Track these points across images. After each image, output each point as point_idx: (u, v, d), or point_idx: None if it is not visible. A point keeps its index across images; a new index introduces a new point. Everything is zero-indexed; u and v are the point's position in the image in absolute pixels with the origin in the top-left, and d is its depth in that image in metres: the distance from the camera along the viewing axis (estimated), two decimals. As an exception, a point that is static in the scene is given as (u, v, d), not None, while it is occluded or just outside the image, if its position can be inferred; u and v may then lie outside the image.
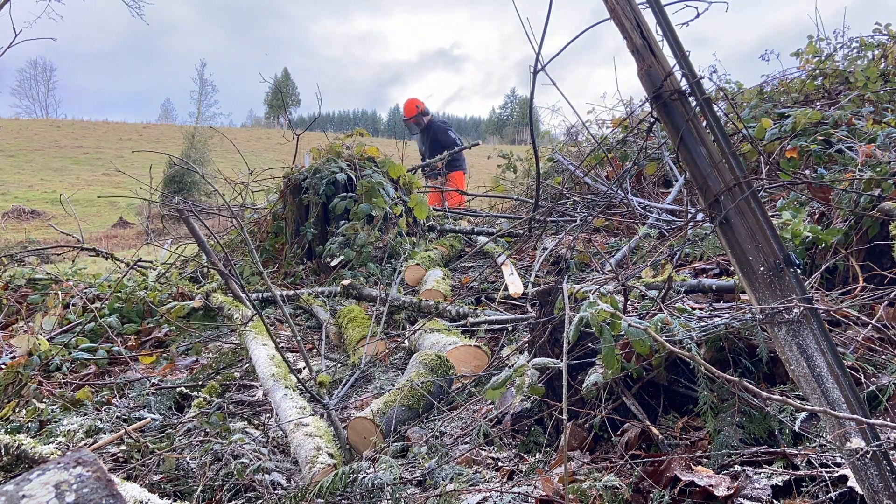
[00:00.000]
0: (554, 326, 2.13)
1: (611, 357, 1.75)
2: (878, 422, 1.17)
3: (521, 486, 1.75)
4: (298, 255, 5.62)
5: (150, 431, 2.78)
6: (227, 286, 4.39)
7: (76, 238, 5.53)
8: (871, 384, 1.73)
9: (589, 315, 1.69)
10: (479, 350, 3.06)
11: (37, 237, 14.83)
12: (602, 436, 1.93)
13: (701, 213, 3.94)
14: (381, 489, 1.84)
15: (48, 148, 39.76)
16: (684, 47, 1.31)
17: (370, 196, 5.37)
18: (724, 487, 1.48)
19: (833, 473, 1.45)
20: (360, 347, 3.57)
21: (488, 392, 1.97)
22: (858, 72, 4.83)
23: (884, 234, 2.47)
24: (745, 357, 1.92)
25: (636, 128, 5.86)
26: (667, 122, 1.33)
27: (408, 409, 2.57)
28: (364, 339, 3.63)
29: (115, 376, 3.63)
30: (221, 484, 2.19)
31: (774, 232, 1.27)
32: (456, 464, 2.07)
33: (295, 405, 2.58)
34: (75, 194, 23.13)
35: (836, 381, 1.20)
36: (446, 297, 4.21)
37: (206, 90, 66.30)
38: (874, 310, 2.08)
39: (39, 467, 0.93)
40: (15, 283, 5.14)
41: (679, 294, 2.56)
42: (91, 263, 7.39)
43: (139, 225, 19.11)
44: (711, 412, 1.77)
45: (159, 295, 4.74)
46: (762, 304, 1.27)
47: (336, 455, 2.22)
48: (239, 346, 3.84)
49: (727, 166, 1.28)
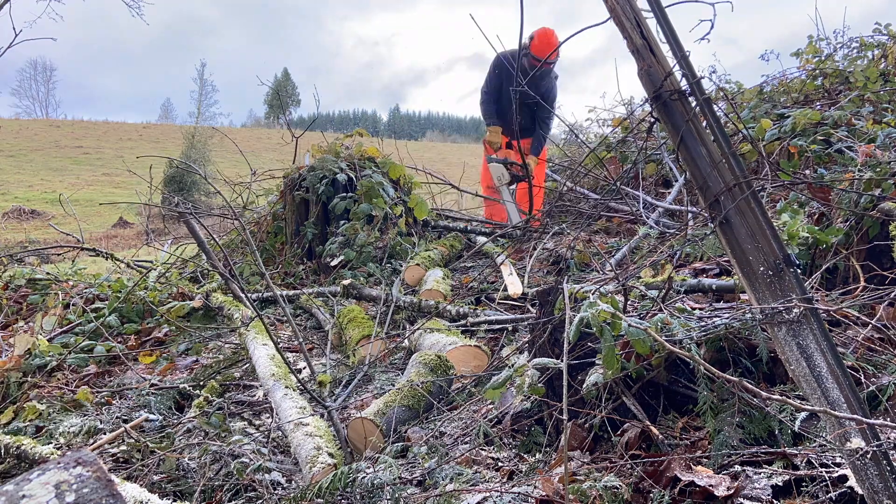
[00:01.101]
0: (554, 326, 2.13)
1: (611, 358, 1.76)
2: (878, 422, 1.17)
3: (521, 486, 1.75)
4: (298, 255, 5.62)
5: (151, 432, 2.78)
6: (227, 286, 4.39)
7: (76, 238, 5.53)
8: (871, 384, 1.73)
9: (589, 315, 1.69)
10: (479, 350, 3.06)
11: (37, 237, 14.84)
12: (602, 436, 1.93)
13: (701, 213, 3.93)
14: (381, 489, 1.84)
15: (48, 148, 39.75)
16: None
17: (370, 196, 5.37)
18: (724, 487, 1.48)
19: (833, 473, 1.45)
20: (361, 347, 3.57)
21: (488, 392, 1.97)
22: (858, 72, 4.83)
23: (884, 234, 2.47)
24: (745, 357, 1.92)
25: (635, 128, 5.86)
26: (667, 122, 1.33)
27: (408, 409, 2.57)
28: (364, 339, 3.63)
29: (116, 376, 3.63)
30: (221, 484, 2.19)
31: (774, 232, 1.27)
32: (456, 464, 2.07)
33: (295, 405, 2.58)
34: (75, 194, 23.13)
35: (836, 381, 1.20)
36: (446, 297, 4.21)
37: (206, 90, 66.25)
38: (874, 310, 2.08)
39: (39, 467, 0.93)
40: (15, 283, 5.14)
41: (679, 294, 2.56)
42: (91, 263, 7.39)
43: (139, 225, 19.11)
44: (711, 412, 1.77)
45: (159, 295, 4.74)
46: (762, 304, 1.27)
47: (336, 455, 2.22)
48: (239, 346, 3.84)
49: (727, 166, 1.28)
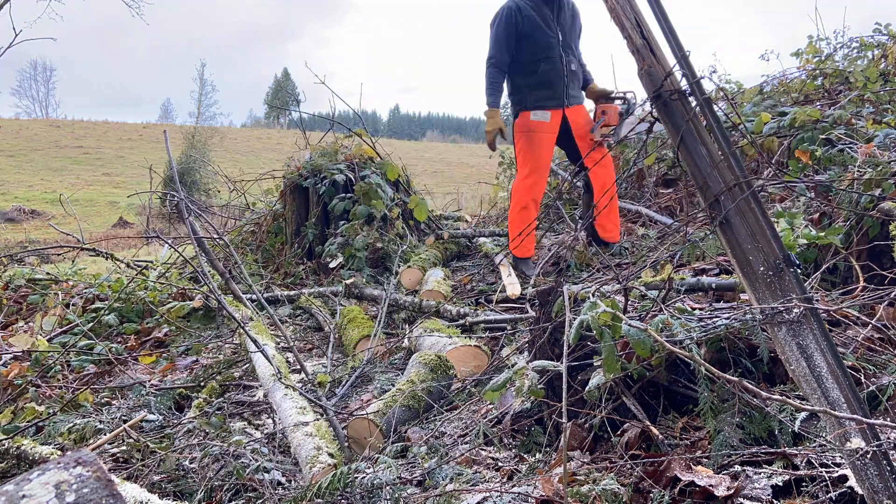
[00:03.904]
0: (554, 327, 2.13)
1: (612, 361, 1.76)
2: (878, 422, 1.17)
3: (521, 486, 1.75)
4: (298, 255, 5.63)
5: (151, 432, 2.78)
6: (227, 286, 4.39)
7: (76, 238, 5.53)
8: (871, 384, 1.73)
9: (589, 318, 1.69)
10: (479, 350, 3.06)
11: (37, 237, 14.84)
12: (602, 436, 1.93)
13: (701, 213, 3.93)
14: (381, 489, 1.84)
15: (48, 148, 39.77)
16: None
17: (369, 198, 5.38)
18: (724, 487, 1.48)
19: (833, 473, 1.45)
20: (361, 351, 3.57)
21: (488, 393, 1.97)
22: (858, 72, 4.83)
23: (884, 234, 2.47)
24: (746, 357, 1.92)
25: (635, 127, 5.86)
26: (667, 122, 1.33)
27: (408, 409, 2.57)
28: (364, 339, 3.63)
29: (116, 376, 3.63)
30: (221, 484, 2.19)
31: (774, 232, 1.27)
32: (456, 464, 2.07)
33: (295, 405, 2.58)
34: (75, 194, 23.14)
35: (836, 381, 1.20)
36: (446, 297, 4.22)
37: (206, 90, 66.21)
38: (874, 310, 2.08)
39: (39, 467, 0.93)
40: (15, 283, 5.14)
41: (679, 294, 2.56)
42: (91, 263, 7.39)
43: (139, 225, 19.12)
44: (711, 412, 1.77)
45: (159, 295, 4.74)
46: (762, 304, 1.27)
47: (336, 455, 2.22)
48: (239, 346, 3.84)
49: (727, 166, 1.28)
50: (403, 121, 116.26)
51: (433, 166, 36.75)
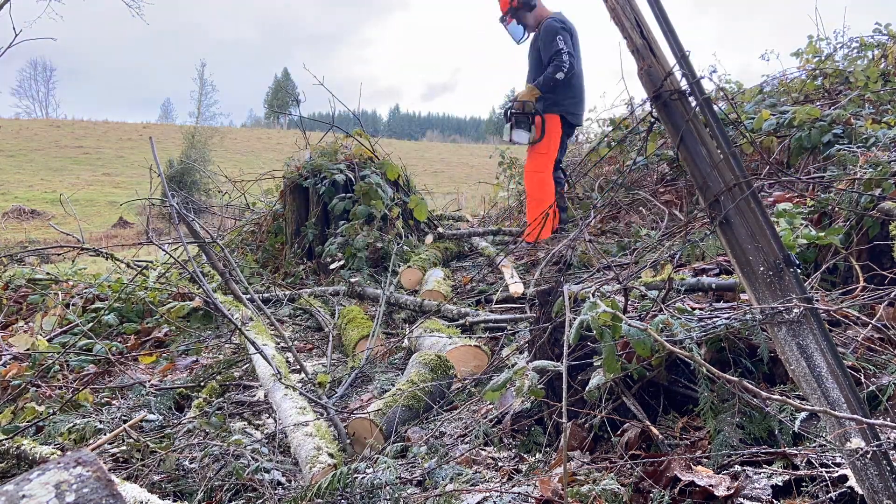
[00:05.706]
0: (554, 327, 2.13)
1: (612, 361, 1.75)
2: (878, 422, 1.17)
3: (521, 486, 1.75)
4: (298, 255, 5.62)
5: (151, 432, 2.78)
6: (227, 286, 4.38)
7: (76, 238, 5.52)
8: (871, 384, 1.73)
9: (589, 318, 1.69)
10: (479, 350, 3.06)
11: (37, 237, 14.84)
12: (602, 436, 1.93)
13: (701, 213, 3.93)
14: (381, 489, 1.84)
15: (48, 148, 39.77)
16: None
17: (369, 198, 5.37)
18: (724, 487, 1.48)
19: (833, 473, 1.45)
20: (360, 348, 3.57)
21: (488, 394, 1.97)
22: (858, 72, 4.83)
23: (884, 234, 2.47)
24: (746, 357, 1.92)
25: (636, 127, 5.86)
26: (667, 122, 1.33)
27: (408, 409, 2.57)
28: (363, 339, 3.63)
29: (116, 376, 3.63)
30: (221, 484, 2.19)
31: (774, 232, 1.27)
32: (456, 464, 2.07)
33: (295, 405, 2.58)
34: (75, 194, 23.15)
35: (836, 381, 1.20)
36: (447, 297, 4.22)
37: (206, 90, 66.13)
38: (874, 310, 2.08)
39: (39, 467, 0.93)
40: (15, 283, 5.14)
41: (679, 294, 2.56)
42: (91, 263, 7.39)
43: (139, 225, 19.12)
44: (711, 412, 1.77)
45: (159, 295, 4.74)
46: (762, 304, 1.27)
47: (336, 455, 2.22)
48: (239, 346, 3.84)
49: (727, 166, 1.28)
50: (403, 121, 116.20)
51: (433, 166, 36.75)
